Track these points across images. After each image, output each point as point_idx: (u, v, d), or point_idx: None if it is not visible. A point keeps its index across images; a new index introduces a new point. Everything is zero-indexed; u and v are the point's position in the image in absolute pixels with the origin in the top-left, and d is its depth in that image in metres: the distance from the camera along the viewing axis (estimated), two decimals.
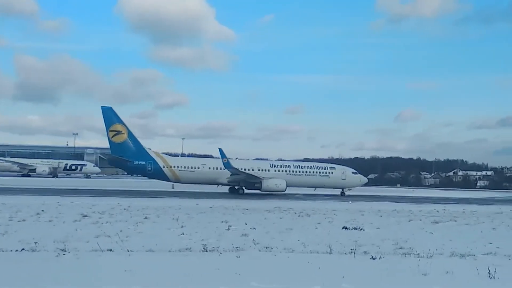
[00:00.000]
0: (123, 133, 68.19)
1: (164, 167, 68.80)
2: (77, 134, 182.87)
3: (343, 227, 27.20)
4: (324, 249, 19.21)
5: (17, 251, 16.83)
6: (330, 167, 73.07)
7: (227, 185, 70.01)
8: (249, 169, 67.40)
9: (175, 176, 69.30)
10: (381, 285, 13.21)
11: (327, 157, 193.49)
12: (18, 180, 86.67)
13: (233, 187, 70.11)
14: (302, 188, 71.59)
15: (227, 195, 59.98)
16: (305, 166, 73.01)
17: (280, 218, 32.10)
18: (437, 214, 39.15)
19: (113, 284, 12.76)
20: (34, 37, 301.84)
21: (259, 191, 66.19)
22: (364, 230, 26.36)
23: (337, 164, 77.39)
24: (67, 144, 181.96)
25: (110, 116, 68.38)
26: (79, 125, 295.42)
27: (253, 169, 67.91)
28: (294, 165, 73.37)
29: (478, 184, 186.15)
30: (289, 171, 70.61)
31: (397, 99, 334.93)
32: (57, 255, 16.22)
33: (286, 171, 70.50)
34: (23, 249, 17.17)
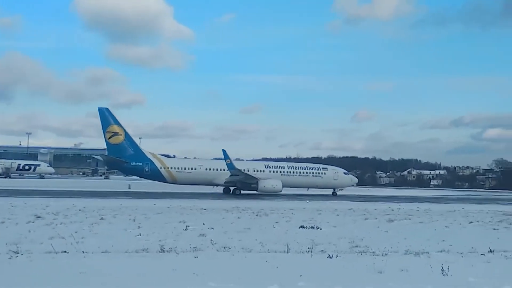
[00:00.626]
0: (120, 135, 67.94)
1: (161, 168, 68.85)
2: (30, 133, 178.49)
3: (301, 226, 27.42)
4: (281, 248, 19.31)
5: None
6: (322, 168, 74.39)
7: (223, 186, 70.21)
8: (245, 170, 67.43)
9: (172, 177, 69.32)
10: (337, 284, 13.36)
11: (285, 157, 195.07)
12: None
13: (228, 188, 70.41)
14: (295, 188, 72.24)
15: (186, 194, 59.57)
16: (298, 166, 73.91)
17: (238, 217, 32.12)
18: (392, 213, 39.87)
19: (68, 286, 12.53)
20: None
21: (256, 191, 66.52)
22: (321, 229, 26.65)
23: (328, 165, 78.72)
24: (20, 144, 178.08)
25: (107, 118, 67.98)
26: (32, 124, 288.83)
27: (248, 170, 67.95)
28: (288, 165, 74.07)
29: (431, 183, 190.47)
30: (283, 171, 71.32)
31: (353, 100, 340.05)
32: (10, 258, 15.84)
33: (280, 171, 71.22)
34: None
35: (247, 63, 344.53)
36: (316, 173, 72.41)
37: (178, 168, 69.57)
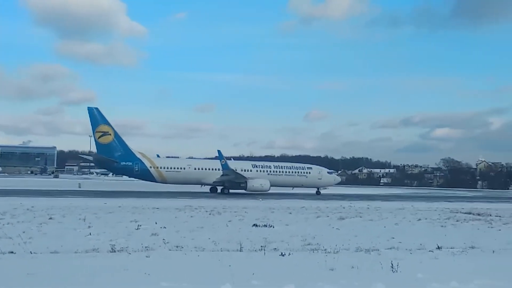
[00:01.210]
0: (110, 134, 67.83)
1: (151, 167, 68.82)
2: None
3: (254, 225, 27.50)
4: (234, 246, 19.32)
5: None
6: (307, 167, 75.66)
7: (211, 185, 70.63)
8: (235, 169, 67.66)
9: (161, 176, 69.35)
10: (289, 281, 13.44)
11: (238, 155, 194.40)
12: None
13: (215, 187, 70.93)
14: (280, 187, 73.08)
15: (136, 194, 58.89)
16: (284, 166, 75.11)
17: (191, 216, 31.97)
18: (343, 211, 40.43)
19: None
20: None
21: (244, 191, 67.24)
22: (273, 227, 26.80)
23: (313, 164, 79.93)
24: None
25: (96, 117, 67.67)
26: None
27: (236, 169, 68.10)
28: (274, 165, 75.20)
29: (381, 181, 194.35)
30: (270, 171, 72.49)
31: (306, 99, 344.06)
32: None
33: (267, 171, 72.31)
34: None
35: (201, 61, 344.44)
36: (301, 172, 73.82)
37: (168, 168, 69.78)
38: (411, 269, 15.46)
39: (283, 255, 17.60)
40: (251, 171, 70.90)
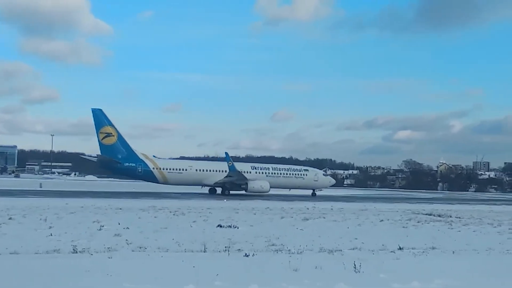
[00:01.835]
0: (113, 135, 68.28)
1: (154, 168, 69.34)
2: None
3: (218, 225, 27.44)
4: (198, 247, 19.27)
5: None
6: (304, 169, 77.78)
7: (211, 186, 71.38)
8: (225, 170, 68.48)
9: (164, 177, 69.96)
10: (253, 282, 13.46)
11: (203, 156, 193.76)
12: None
13: (214, 188, 71.80)
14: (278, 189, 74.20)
15: (99, 194, 58.08)
16: (282, 168, 77.02)
17: (155, 217, 31.72)
18: (307, 211, 40.70)
19: None
20: None
21: (245, 192, 68.25)
22: (238, 228, 26.80)
23: (309, 167, 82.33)
24: None
25: (100, 118, 68.20)
26: None
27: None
28: (272, 167, 76.39)
29: (345, 183, 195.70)
30: (269, 173, 73.62)
31: (273, 100, 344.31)
32: None
33: (266, 173, 73.37)
34: None
35: (167, 61, 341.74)
36: (298, 174, 75.43)
37: (170, 169, 70.59)
38: (373, 270, 15.65)
39: (247, 256, 17.62)
40: (250, 172, 71.90)
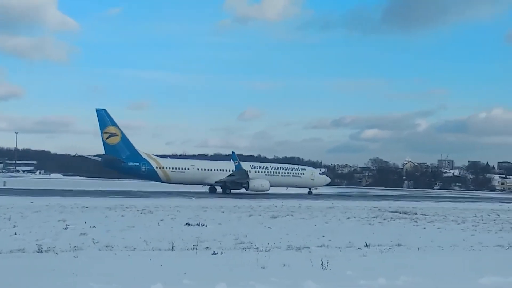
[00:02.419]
0: (117, 135, 69.52)
1: (157, 168, 70.71)
2: None
3: (186, 224, 27.33)
4: (166, 246, 19.16)
5: None
6: (301, 169, 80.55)
7: (212, 185, 72.81)
8: (229, 170, 70.11)
9: (167, 176, 71.39)
10: (221, 280, 13.45)
11: (171, 154, 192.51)
12: None
13: (213, 187, 73.30)
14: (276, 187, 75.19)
15: (65, 192, 57.22)
16: (280, 167, 79.10)
17: (122, 215, 31.42)
18: (275, 209, 40.83)
19: None
20: None
21: (245, 190, 69.79)
22: (206, 226, 26.75)
23: (306, 166, 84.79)
24: None
25: (104, 118, 69.30)
26: None
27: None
28: (271, 166, 78.52)
29: None
30: (267, 172, 75.27)
31: (241, 98, 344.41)
32: None
33: (265, 172, 74.98)
34: None
35: (135, 58, 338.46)
36: (296, 173, 77.71)
37: (173, 168, 71.79)
38: (340, 267, 15.82)
39: (215, 254, 17.63)
40: (250, 171, 72.54)
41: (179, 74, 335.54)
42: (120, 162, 69.70)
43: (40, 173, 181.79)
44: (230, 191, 71.11)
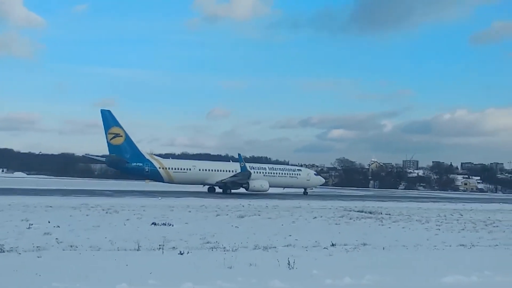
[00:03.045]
0: (121, 136, 70.46)
1: (160, 168, 71.82)
2: None
3: (152, 223, 27.12)
4: (132, 245, 18.97)
5: None
6: (297, 169, 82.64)
7: (212, 185, 74.24)
8: (232, 170, 71.92)
9: (169, 177, 72.42)
10: (187, 280, 13.39)
11: None
12: None
13: (213, 187, 74.73)
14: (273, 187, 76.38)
15: (28, 191, 56.21)
16: (277, 168, 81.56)
17: (87, 215, 30.98)
18: (242, 209, 40.85)
19: None
20: None
21: (246, 191, 71.29)
22: (173, 226, 26.59)
23: (302, 167, 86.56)
24: None
25: (109, 119, 70.14)
26: None
27: (236, 171, 71.12)
28: (268, 167, 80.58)
29: None
30: (266, 172, 76.79)
31: (209, 97, 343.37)
32: None
33: (263, 172, 76.34)
34: None
35: (102, 55, 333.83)
36: (292, 174, 79.47)
37: (175, 169, 72.79)
38: (307, 266, 15.92)
39: (181, 254, 17.56)
40: None
41: (146, 72, 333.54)
42: (124, 162, 70.68)
43: (2, 171, 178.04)
44: (230, 191, 72.58)
